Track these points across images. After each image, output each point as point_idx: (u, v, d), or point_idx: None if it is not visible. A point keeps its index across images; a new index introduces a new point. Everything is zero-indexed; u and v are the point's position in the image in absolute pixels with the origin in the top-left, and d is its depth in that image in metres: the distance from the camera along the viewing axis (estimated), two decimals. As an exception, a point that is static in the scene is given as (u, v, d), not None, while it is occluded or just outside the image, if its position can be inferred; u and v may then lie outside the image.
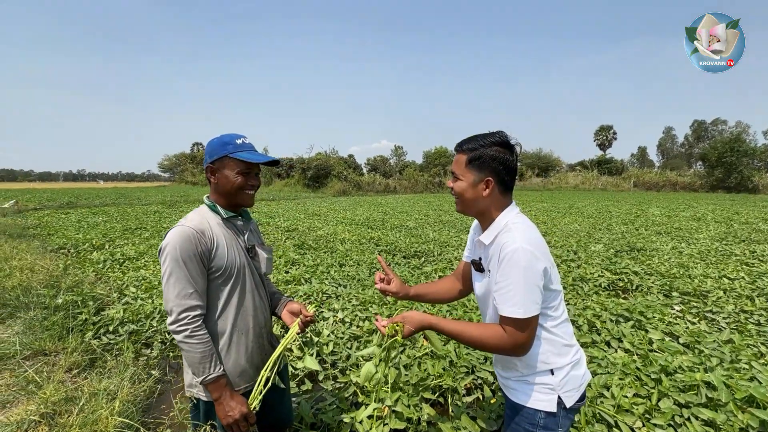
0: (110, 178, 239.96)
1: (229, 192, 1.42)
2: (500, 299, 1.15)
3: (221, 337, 1.41)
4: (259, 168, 1.47)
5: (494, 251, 1.21)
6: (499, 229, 1.23)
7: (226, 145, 1.39)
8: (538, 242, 1.18)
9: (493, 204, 1.27)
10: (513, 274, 1.12)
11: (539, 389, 1.26)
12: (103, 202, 18.06)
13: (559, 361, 1.26)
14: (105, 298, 4.04)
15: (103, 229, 9.00)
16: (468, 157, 1.25)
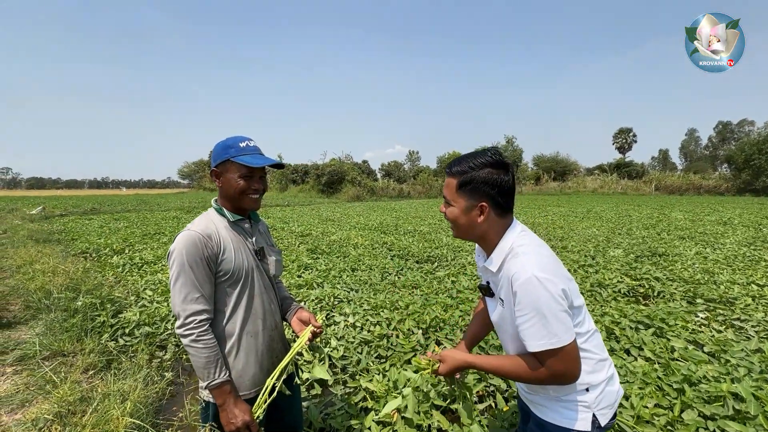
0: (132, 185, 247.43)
1: (232, 196, 1.42)
2: (526, 335, 1.07)
3: (229, 340, 1.40)
4: (263, 171, 1.47)
5: (504, 281, 1.13)
6: (504, 253, 1.15)
7: (229, 149, 1.39)
8: (550, 263, 1.10)
9: (491, 229, 1.18)
10: (531, 307, 1.04)
11: (573, 407, 1.18)
12: (125, 208, 18.60)
13: (595, 378, 1.18)
14: (123, 301, 4.13)
15: (124, 234, 9.24)
16: (458, 182, 1.16)
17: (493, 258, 1.18)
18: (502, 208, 1.17)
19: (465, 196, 1.16)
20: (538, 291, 1.03)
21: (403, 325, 3.34)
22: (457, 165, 1.18)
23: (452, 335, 3.16)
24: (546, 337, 1.04)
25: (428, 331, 3.29)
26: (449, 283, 4.80)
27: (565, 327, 1.04)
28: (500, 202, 1.16)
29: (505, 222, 1.20)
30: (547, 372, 1.08)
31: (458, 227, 1.22)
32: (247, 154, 1.39)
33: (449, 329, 3.27)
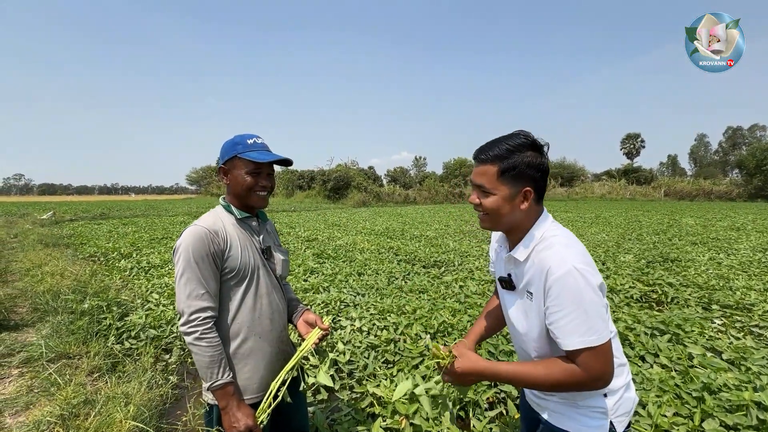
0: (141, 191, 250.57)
1: (240, 193, 1.39)
2: (562, 332, 0.99)
3: (235, 340, 1.37)
4: (271, 168, 1.44)
5: (535, 272, 1.05)
6: (534, 242, 1.08)
7: (236, 146, 1.38)
8: (586, 254, 1.03)
9: (528, 216, 1.11)
10: (572, 301, 0.96)
11: (589, 414, 1.11)
12: (134, 213, 18.79)
13: (614, 384, 1.11)
14: (129, 304, 4.13)
15: (132, 238, 9.30)
16: (500, 168, 1.07)
17: (521, 246, 1.11)
18: (541, 193, 1.12)
19: (508, 183, 1.07)
20: (579, 284, 0.96)
21: (410, 329, 3.29)
22: (494, 149, 1.08)
23: (461, 340, 3.09)
24: (586, 333, 0.96)
25: (436, 336, 3.22)
26: (457, 288, 4.73)
27: (604, 323, 0.98)
28: (542, 186, 1.11)
29: (539, 209, 1.14)
30: (585, 374, 0.98)
31: (497, 216, 1.11)
32: (254, 150, 1.37)
33: (458, 334, 3.20)
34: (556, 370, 1.01)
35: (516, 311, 1.18)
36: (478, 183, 1.12)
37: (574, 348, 0.97)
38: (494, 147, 1.09)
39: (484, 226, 1.17)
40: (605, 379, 1.00)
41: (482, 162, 1.11)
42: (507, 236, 1.20)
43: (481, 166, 1.11)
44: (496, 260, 1.34)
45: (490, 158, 1.08)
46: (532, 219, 1.12)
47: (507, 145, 1.07)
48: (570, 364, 1.00)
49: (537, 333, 1.11)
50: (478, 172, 1.12)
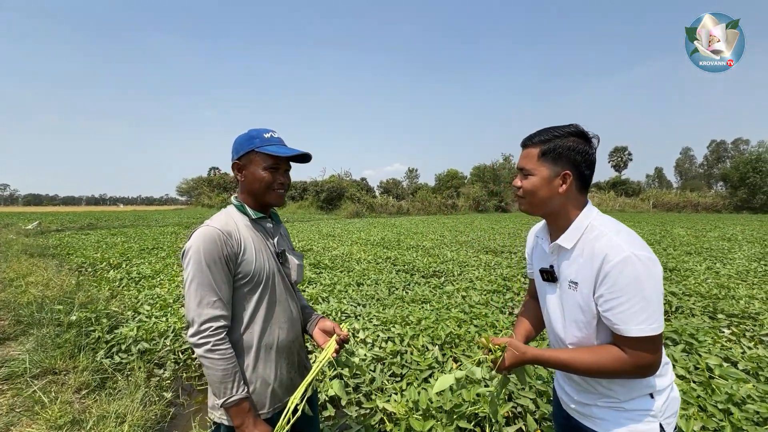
0: (130, 202, 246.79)
1: (257, 191, 1.29)
2: (620, 318, 0.97)
3: (247, 353, 1.25)
4: (289, 165, 1.35)
5: (586, 261, 1.03)
6: (580, 230, 1.07)
7: (253, 140, 1.28)
8: (643, 242, 1.01)
9: (569, 202, 1.11)
10: (631, 287, 0.95)
11: (638, 417, 1.05)
12: (122, 224, 18.39)
13: (661, 383, 1.06)
14: (119, 316, 3.93)
15: (121, 249, 9.04)
16: (541, 150, 1.09)
17: (567, 235, 1.10)
18: (584, 181, 1.11)
19: (548, 164, 1.09)
20: (639, 270, 0.94)
21: (416, 341, 3.16)
22: (539, 135, 1.12)
23: (470, 351, 2.98)
24: (646, 321, 0.95)
25: (443, 347, 3.11)
26: (459, 298, 4.62)
27: (662, 312, 0.97)
28: (584, 173, 1.10)
29: (583, 199, 1.13)
30: (632, 362, 0.98)
31: (535, 199, 1.12)
32: (272, 145, 1.28)
33: (466, 345, 3.09)
34: (604, 355, 1.01)
35: (556, 302, 1.17)
36: (521, 166, 1.14)
37: (632, 335, 0.96)
38: (541, 133, 1.12)
39: (522, 209, 1.18)
40: (653, 369, 0.99)
41: (526, 146, 1.14)
42: (548, 224, 1.20)
43: (525, 150, 1.14)
44: (535, 254, 1.31)
45: (534, 142, 1.12)
46: (574, 207, 1.11)
47: (552, 130, 1.10)
48: (618, 350, 1.00)
49: (576, 324, 1.09)
50: (523, 156, 1.15)
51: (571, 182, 1.08)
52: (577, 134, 1.09)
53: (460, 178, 47.36)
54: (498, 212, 35.75)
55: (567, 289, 1.10)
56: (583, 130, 1.10)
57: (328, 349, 1.35)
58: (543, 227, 1.26)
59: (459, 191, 40.93)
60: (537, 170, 1.10)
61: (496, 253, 8.83)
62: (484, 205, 36.75)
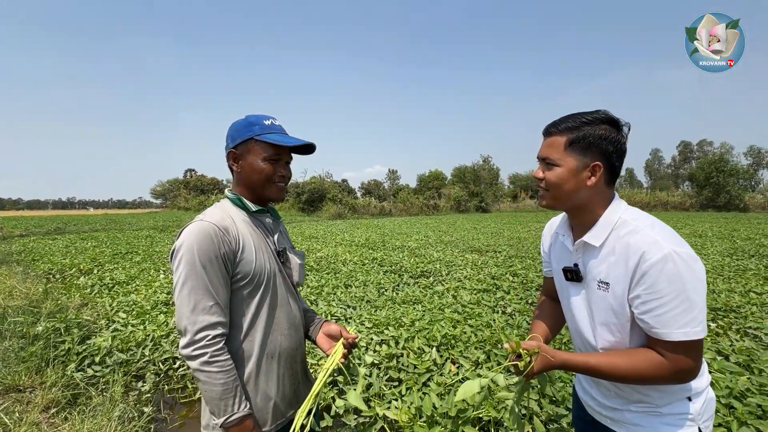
0: (101, 206, 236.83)
1: (255, 183, 1.16)
2: (660, 321, 0.89)
3: (247, 363, 1.11)
4: (290, 156, 1.22)
5: (619, 259, 0.95)
6: (610, 226, 0.99)
7: (252, 126, 1.15)
8: (681, 238, 0.93)
9: (597, 195, 1.02)
10: (673, 288, 0.87)
11: (675, 422, 0.98)
12: (93, 227, 17.54)
13: (698, 384, 1.00)
14: (92, 325, 3.66)
15: (92, 253, 8.57)
16: (569, 138, 0.99)
17: (595, 231, 1.01)
18: (614, 174, 1.02)
19: (576, 155, 0.99)
20: (680, 269, 0.86)
21: (412, 343, 3.07)
22: (566, 121, 1.02)
23: (467, 353, 2.91)
24: (689, 324, 0.87)
25: (440, 349, 3.02)
26: (450, 298, 4.56)
27: (705, 314, 0.89)
28: (615, 165, 1.01)
29: (610, 193, 1.04)
30: (672, 367, 0.91)
31: (560, 192, 1.03)
32: (273, 133, 1.15)
33: (462, 346, 3.02)
34: (640, 360, 0.94)
35: (581, 303, 1.08)
36: (543, 156, 1.05)
37: (673, 339, 0.89)
38: (567, 119, 1.02)
39: (544, 204, 1.09)
40: (693, 375, 0.93)
41: (550, 134, 1.05)
42: (572, 220, 1.12)
43: (549, 138, 1.05)
44: (554, 252, 1.22)
45: (560, 129, 1.02)
46: (602, 201, 1.03)
47: (580, 116, 1.00)
48: (655, 355, 0.92)
49: (607, 328, 1.01)
50: (546, 145, 1.05)
51: (600, 174, 0.99)
52: (608, 121, 0.99)
53: (441, 179, 47.74)
54: (479, 212, 36.20)
55: (596, 289, 1.01)
56: (614, 116, 1.01)
57: (335, 355, 1.23)
58: (563, 223, 1.17)
59: (440, 192, 41.22)
60: (563, 161, 1.00)
61: (481, 252, 8.86)
62: (465, 206, 37.14)
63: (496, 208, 40.67)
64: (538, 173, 1.07)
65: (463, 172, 43.31)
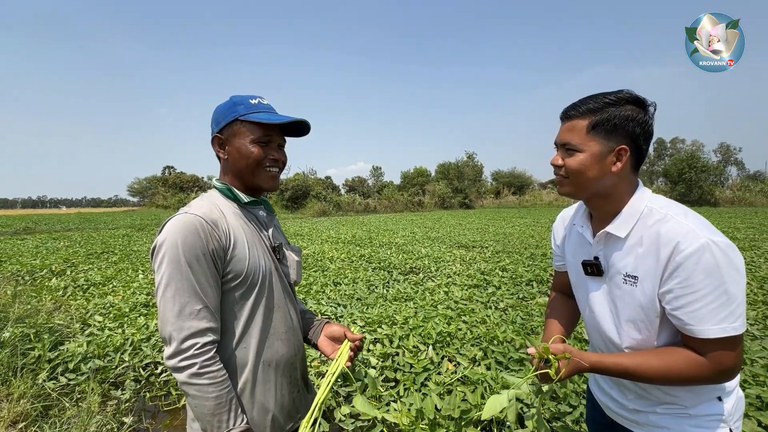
0: (74, 204, 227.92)
1: (243, 170, 1.04)
2: (695, 317, 0.82)
3: (241, 373, 0.99)
4: (283, 138, 1.10)
5: (648, 250, 0.87)
6: (636, 215, 0.92)
7: (236, 106, 1.03)
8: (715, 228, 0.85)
9: (622, 182, 0.94)
10: (711, 281, 0.80)
11: (706, 423, 0.92)
12: (66, 227, 16.80)
13: (729, 383, 0.93)
14: (65, 330, 3.44)
15: (65, 254, 8.16)
16: (592, 121, 0.91)
17: (620, 221, 0.94)
18: (640, 158, 0.94)
19: (600, 138, 0.91)
20: (718, 261, 0.79)
21: (407, 341, 2.98)
22: (587, 103, 0.93)
23: (464, 350, 2.84)
24: (728, 319, 0.80)
25: (435, 347, 2.95)
26: (442, 294, 4.51)
27: (744, 307, 0.82)
28: (642, 148, 0.93)
29: (635, 179, 0.97)
30: (714, 367, 0.84)
31: (582, 179, 0.94)
32: (261, 112, 1.03)
33: (459, 343, 2.95)
34: (677, 360, 0.86)
35: (603, 299, 1.01)
36: (563, 141, 0.97)
37: (711, 336, 0.81)
38: (589, 101, 0.94)
39: (563, 191, 1.01)
40: (734, 373, 0.87)
41: (570, 117, 0.96)
42: (592, 209, 1.03)
43: (569, 122, 0.96)
44: (569, 244, 1.14)
45: (582, 112, 0.93)
46: (627, 188, 0.95)
47: (604, 98, 0.92)
48: (691, 353, 0.86)
49: (634, 325, 0.94)
50: (565, 129, 0.97)
51: (626, 159, 0.91)
52: (633, 101, 0.91)
53: (425, 175, 47.86)
54: (462, 209, 36.48)
55: (621, 284, 0.94)
56: (640, 95, 0.92)
57: (340, 359, 1.13)
58: (580, 213, 1.09)
59: (424, 188, 41.32)
60: (586, 145, 0.92)
61: (468, 248, 8.86)
62: (450, 202, 37.35)
63: (479, 205, 41.10)
64: (557, 160, 0.98)
65: (447, 169, 43.53)
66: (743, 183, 35.00)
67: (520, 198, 44.31)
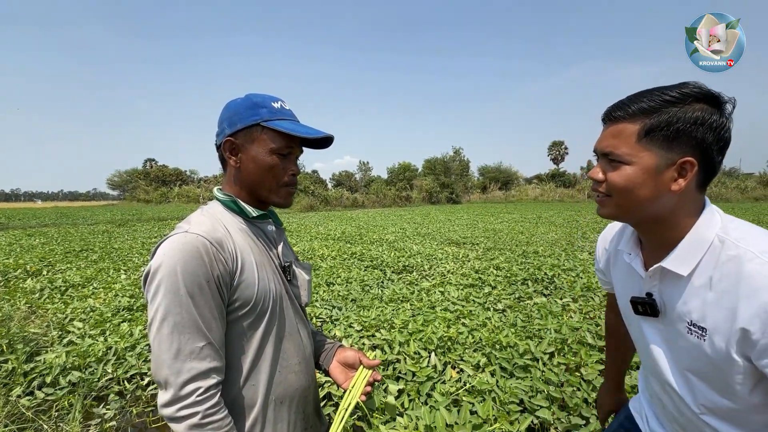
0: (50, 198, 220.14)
1: (258, 183, 0.91)
2: None
3: (249, 414, 0.87)
4: (301, 149, 0.97)
5: (722, 297, 0.68)
6: (703, 247, 0.72)
7: (258, 109, 0.89)
8: None
9: (683, 204, 0.74)
10: None
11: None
12: (41, 222, 16.11)
13: None
14: (41, 339, 3.22)
15: (41, 252, 7.77)
16: (646, 125, 0.71)
17: (680, 254, 0.74)
18: (710, 173, 0.73)
19: (656, 148, 0.71)
20: None
21: (407, 347, 2.88)
22: (640, 100, 0.72)
23: (467, 356, 2.75)
24: None
25: (437, 353, 2.85)
26: (438, 294, 4.42)
27: None
28: (714, 161, 0.72)
29: (702, 200, 0.76)
30: None
31: (629, 200, 0.75)
32: (286, 120, 0.90)
33: (461, 349, 2.87)
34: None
35: (664, 346, 0.81)
36: (605, 150, 0.76)
37: None
38: (642, 98, 0.72)
39: (605, 213, 0.80)
40: None
41: (616, 120, 0.75)
42: (643, 235, 0.83)
43: (613, 125, 0.75)
44: (615, 272, 0.96)
45: (631, 113, 0.72)
46: (690, 210, 0.75)
47: (664, 94, 0.70)
48: None
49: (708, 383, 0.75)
50: (609, 134, 0.76)
51: (693, 175, 0.71)
52: (704, 97, 0.70)
53: (412, 170, 47.83)
54: (450, 204, 36.63)
55: (685, 333, 0.75)
56: (713, 90, 0.70)
57: (356, 388, 1.02)
58: (625, 237, 0.90)
59: (412, 183, 41.31)
60: (636, 156, 0.72)
61: (459, 244, 8.82)
62: (437, 197, 37.47)
63: (466, 200, 41.34)
64: (597, 173, 0.79)
65: (434, 164, 43.60)
66: (720, 179, 36.06)
67: (506, 193, 44.77)
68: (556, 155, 71.42)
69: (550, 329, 3.09)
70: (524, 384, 2.32)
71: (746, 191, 31.20)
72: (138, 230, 12.66)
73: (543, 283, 4.91)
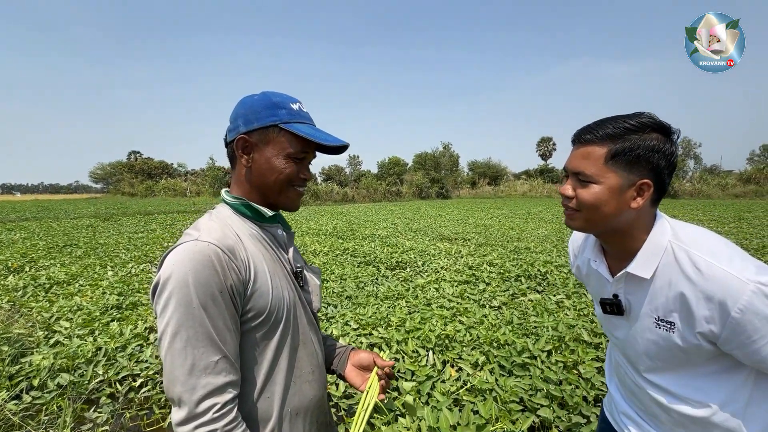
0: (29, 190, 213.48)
1: (269, 185, 0.86)
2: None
3: (264, 427, 0.83)
4: (315, 154, 0.93)
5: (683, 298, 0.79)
6: (659, 253, 0.83)
7: (277, 110, 0.84)
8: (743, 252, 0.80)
9: (640, 218, 0.86)
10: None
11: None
12: (21, 216, 15.64)
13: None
14: (26, 339, 3.11)
15: (22, 247, 7.54)
16: (611, 150, 0.81)
17: (641, 261, 0.85)
18: (662, 192, 0.86)
19: (620, 170, 0.82)
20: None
21: (405, 346, 2.87)
22: (605, 127, 0.83)
23: (466, 355, 2.76)
24: None
25: (435, 351, 2.85)
26: (433, 291, 4.42)
27: None
28: (665, 182, 0.84)
29: (654, 212, 0.89)
30: None
31: (596, 215, 0.85)
32: (304, 123, 0.86)
33: (459, 347, 2.87)
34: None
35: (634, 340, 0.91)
36: (576, 169, 0.86)
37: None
38: (606, 125, 0.84)
39: (573, 225, 0.91)
40: None
41: (585, 142, 0.86)
42: (606, 244, 0.95)
43: (582, 147, 0.86)
44: (586, 278, 1.08)
45: (599, 137, 0.83)
46: (646, 224, 0.87)
47: (626, 123, 0.82)
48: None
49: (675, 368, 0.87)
50: (579, 155, 0.86)
51: (649, 194, 0.82)
52: (658, 128, 0.82)
53: (402, 165, 47.82)
54: (440, 199, 36.78)
55: (654, 328, 0.86)
56: (663, 122, 0.83)
57: (371, 391, 1.00)
58: (590, 245, 1.01)
59: (402, 178, 41.32)
60: (603, 177, 0.83)
61: (451, 240, 8.87)
62: (427, 192, 37.58)
63: (456, 195, 41.57)
64: (567, 190, 0.88)
65: (424, 159, 43.64)
66: (702, 176, 37.00)
67: (495, 188, 45.17)
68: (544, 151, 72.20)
69: (546, 326, 3.12)
70: (524, 382, 2.33)
71: (727, 188, 32.09)
72: (124, 225, 12.38)
73: (536, 279, 4.95)
